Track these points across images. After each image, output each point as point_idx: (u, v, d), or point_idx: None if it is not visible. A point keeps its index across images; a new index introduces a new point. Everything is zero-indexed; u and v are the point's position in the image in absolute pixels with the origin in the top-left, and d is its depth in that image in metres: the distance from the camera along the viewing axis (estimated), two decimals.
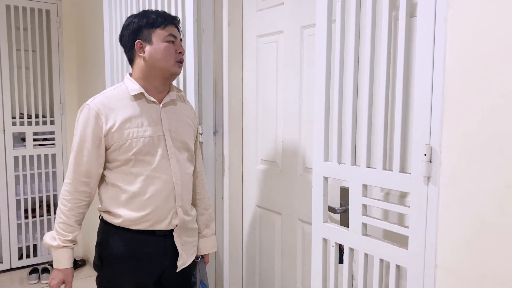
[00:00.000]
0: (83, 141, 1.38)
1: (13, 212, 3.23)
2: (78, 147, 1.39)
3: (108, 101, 1.40)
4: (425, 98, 1.02)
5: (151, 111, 1.43)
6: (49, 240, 1.41)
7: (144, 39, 1.41)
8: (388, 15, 1.10)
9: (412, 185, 1.06)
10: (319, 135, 1.29)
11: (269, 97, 1.84)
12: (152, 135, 1.40)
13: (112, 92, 1.43)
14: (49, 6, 3.29)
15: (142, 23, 1.41)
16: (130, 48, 1.44)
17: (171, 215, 1.44)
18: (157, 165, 1.41)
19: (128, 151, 1.38)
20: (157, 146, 1.41)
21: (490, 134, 0.92)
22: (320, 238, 1.31)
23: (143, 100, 1.43)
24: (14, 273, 3.26)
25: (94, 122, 1.37)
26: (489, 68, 0.91)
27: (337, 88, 1.24)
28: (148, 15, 1.42)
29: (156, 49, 1.40)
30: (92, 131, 1.37)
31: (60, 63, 3.37)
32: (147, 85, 1.43)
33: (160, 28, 1.40)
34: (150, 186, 1.40)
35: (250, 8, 1.91)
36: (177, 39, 1.44)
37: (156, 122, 1.43)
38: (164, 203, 1.43)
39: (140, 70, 1.43)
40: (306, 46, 1.65)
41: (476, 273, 0.96)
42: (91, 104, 1.39)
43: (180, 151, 1.48)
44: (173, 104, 1.50)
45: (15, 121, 3.20)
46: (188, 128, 1.53)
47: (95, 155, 1.38)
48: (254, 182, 1.96)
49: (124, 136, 1.37)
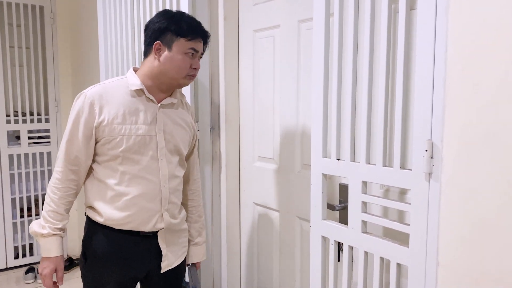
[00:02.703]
0: (75, 129, 1.35)
1: (8, 211, 3.20)
2: (69, 135, 1.36)
3: (106, 92, 1.36)
4: (426, 92, 0.99)
5: (148, 110, 1.39)
6: (38, 228, 1.38)
7: (165, 42, 1.36)
8: (388, 8, 1.08)
9: (412, 181, 1.04)
10: (317, 131, 1.27)
11: (266, 92, 1.82)
12: (144, 134, 1.37)
13: (112, 84, 1.40)
14: (42, 2, 3.25)
15: (170, 26, 1.35)
16: (149, 44, 1.39)
17: (156, 218, 1.41)
18: (145, 166, 1.38)
19: (117, 147, 1.34)
20: (148, 146, 1.38)
21: (493, 128, 0.90)
22: (319, 236, 1.29)
23: (143, 97, 1.39)
24: (10, 272, 3.24)
25: (88, 112, 1.33)
26: (491, 61, 0.89)
27: (336, 83, 1.22)
28: (179, 22, 1.36)
29: (173, 58, 1.36)
30: (84, 121, 1.34)
31: (54, 60, 3.33)
32: (151, 84, 1.40)
33: (185, 38, 1.35)
34: (135, 186, 1.37)
35: (246, 2, 1.88)
36: (197, 53, 1.39)
37: (151, 122, 1.39)
38: (148, 205, 1.39)
39: (149, 69, 1.39)
40: (304, 40, 1.62)
41: (478, 271, 0.94)
42: (87, 93, 1.35)
43: (172, 154, 1.44)
44: (172, 107, 1.46)
45: (10, 119, 3.17)
46: (183, 133, 1.48)
47: (85, 145, 1.35)
48: (252, 179, 1.94)
49: (115, 131, 1.34)
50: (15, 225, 3.26)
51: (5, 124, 3.15)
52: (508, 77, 0.87)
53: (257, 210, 1.94)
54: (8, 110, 3.17)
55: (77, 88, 3.37)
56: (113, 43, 2.41)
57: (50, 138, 3.36)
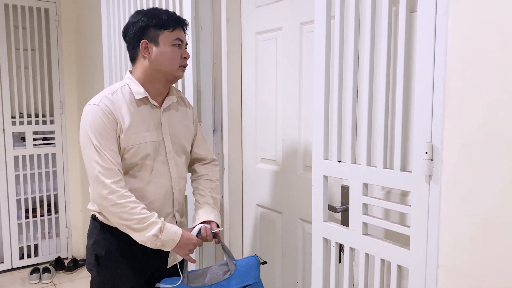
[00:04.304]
0: (105, 141, 1.31)
1: (13, 212, 3.23)
2: (102, 146, 1.30)
3: (115, 103, 1.35)
4: (426, 94, 1.00)
5: (153, 115, 1.42)
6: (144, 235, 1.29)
7: (151, 39, 1.37)
8: (388, 10, 1.08)
9: (413, 183, 1.04)
10: (319, 133, 1.28)
11: (268, 94, 1.82)
12: (154, 140, 1.40)
13: (116, 95, 1.38)
14: (48, 5, 3.27)
15: (150, 22, 1.36)
16: (134, 46, 1.40)
17: (168, 220, 1.44)
18: (157, 170, 1.41)
19: (135, 156, 1.36)
20: (158, 151, 1.41)
21: (492, 130, 0.90)
22: (321, 237, 1.30)
23: (148, 105, 1.41)
24: (15, 273, 3.26)
25: (110, 122, 1.32)
26: (491, 62, 0.89)
27: (337, 85, 1.22)
28: (158, 15, 1.37)
29: (163, 52, 1.37)
30: (110, 130, 1.31)
31: (59, 62, 3.35)
32: (149, 87, 1.41)
33: (168, 30, 1.37)
34: (151, 191, 1.40)
35: (249, 4, 1.89)
36: (183, 43, 1.41)
37: (157, 127, 1.42)
38: (163, 209, 1.43)
39: (142, 70, 1.40)
40: (306, 42, 1.63)
41: (479, 273, 0.94)
42: (100, 105, 1.33)
43: (179, 155, 1.47)
44: (173, 107, 1.48)
45: (15, 120, 3.20)
46: (187, 131, 1.52)
47: (118, 153, 1.33)
48: (254, 181, 1.95)
49: (131, 141, 1.35)
50: (20, 226, 3.29)
51: (10, 125, 3.17)
52: (508, 78, 0.87)
53: (259, 212, 1.94)
54: (14, 111, 3.19)
55: (82, 90, 3.39)
56: (117, 45, 2.43)
57: (55, 140, 3.39)
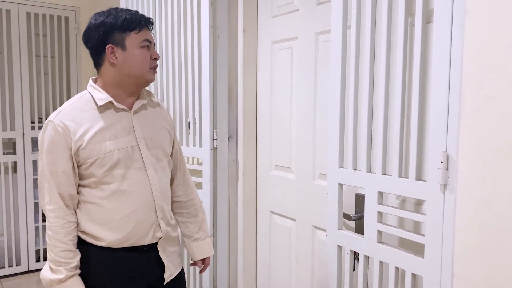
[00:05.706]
0: (54, 162, 1.25)
1: (31, 215, 3.28)
2: (50, 170, 1.25)
3: (74, 115, 1.26)
4: (442, 104, 1.01)
5: (122, 120, 1.30)
6: (51, 275, 1.24)
7: (117, 43, 1.26)
8: (404, 21, 1.10)
9: (428, 192, 1.05)
10: (334, 142, 1.29)
11: (283, 103, 1.84)
12: (126, 146, 1.29)
13: (75, 104, 1.29)
14: (67, 13, 3.35)
15: (114, 25, 1.25)
16: (99, 52, 1.29)
17: (153, 229, 1.34)
18: (134, 179, 1.29)
19: (101, 166, 1.26)
20: (132, 158, 1.29)
21: (507, 140, 0.90)
22: (335, 245, 1.30)
23: (112, 109, 1.30)
24: (31, 275, 3.31)
25: (63, 140, 1.24)
26: (506, 74, 0.90)
27: (352, 94, 1.24)
28: (120, 16, 1.26)
29: (131, 55, 1.26)
30: (62, 150, 1.24)
31: (78, 69, 3.42)
32: (117, 92, 1.30)
33: (134, 32, 1.26)
34: (128, 202, 1.29)
35: (265, 14, 1.92)
36: (151, 44, 1.31)
37: (129, 132, 1.30)
38: (145, 218, 1.32)
39: (110, 76, 1.29)
40: (321, 52, 1.65)
41: (495, 282, 0.94)
42: (55, 121, 1.25)
43: (158, 160, 1.36)
44: (144, 109, 1.37)
45: (34, 125, 3.26)
46: (163, 132, 1.40)
47: (71, 174, 1.26)
48: (268, 188, 1.96)
49: (95, 151, 1.25)
50: (37, 229, 3.34)
51: (30, 130, 3.24)
52: None
53: (273, 219, 1.96)
54: (33, 117, 3.27)
55: None
56: None
57: None
